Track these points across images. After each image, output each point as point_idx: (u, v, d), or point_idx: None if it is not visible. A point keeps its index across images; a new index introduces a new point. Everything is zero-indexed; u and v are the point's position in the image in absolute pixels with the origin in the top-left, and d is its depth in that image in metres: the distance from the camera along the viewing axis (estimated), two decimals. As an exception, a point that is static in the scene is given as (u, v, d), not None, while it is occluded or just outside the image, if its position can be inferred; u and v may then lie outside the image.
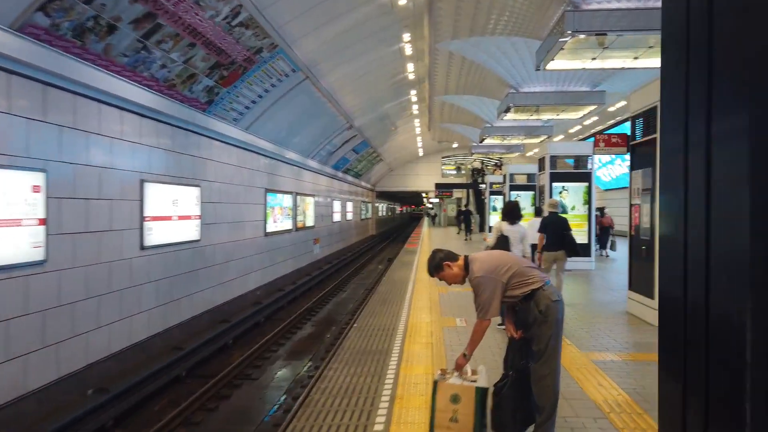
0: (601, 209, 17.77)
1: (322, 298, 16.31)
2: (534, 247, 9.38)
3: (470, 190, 40.20)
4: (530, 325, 3.57)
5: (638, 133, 7.97)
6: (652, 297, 7.25)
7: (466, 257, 3.77)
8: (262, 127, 14.88)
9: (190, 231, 11.07)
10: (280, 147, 17.19)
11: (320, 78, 15.70)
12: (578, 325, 7.21)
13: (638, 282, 7.87)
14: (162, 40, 8.55)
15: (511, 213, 7.44)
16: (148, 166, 9.54)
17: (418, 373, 5.14)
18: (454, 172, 47.14)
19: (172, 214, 10.32)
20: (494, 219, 21.62)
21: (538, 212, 15.48)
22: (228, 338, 11.04)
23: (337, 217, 29.46)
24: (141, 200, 9.20)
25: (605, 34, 9.89)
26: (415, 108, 24.54)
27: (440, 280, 3.84)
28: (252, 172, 15.07)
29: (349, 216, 34.27)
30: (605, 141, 8.05)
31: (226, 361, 9.82)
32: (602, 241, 17.05)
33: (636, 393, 4.49)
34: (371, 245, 39.06)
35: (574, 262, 13.78)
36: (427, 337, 6.60)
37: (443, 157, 47.28)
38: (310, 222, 22.40)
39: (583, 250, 13.95)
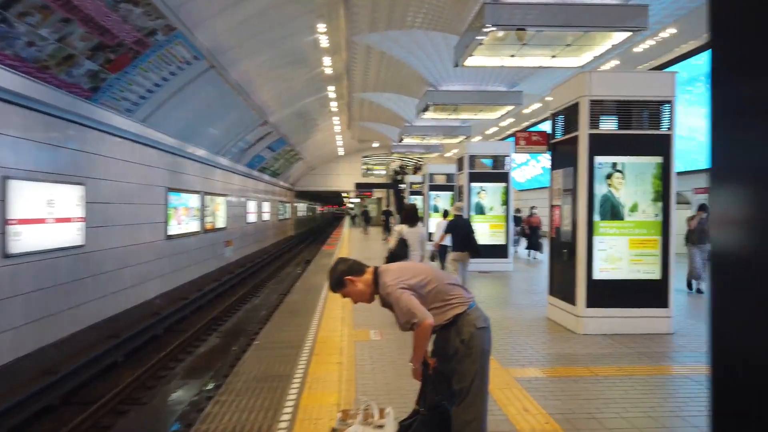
0: (528, 209, 17.74)
1: (232, 305, 15.18)
2: (443, 247, 10.54)
3: (391, 191, 39.91)
4: (450, 358, 2.92)
5: (559, 131, 7.65)
6: (572, 302, 6.91)
7: (375, 269, 3.07)
8: (163, 119, 13.55)
9: (70, 235, 9.69)
10: (185, 142, 15.84)
11: (228, 68, 14.57)
12: (499, 335, 6.74)
13: (559, 286, 7.54)
14: (26, 12, 7.25)
15: (410, 216, 7.62)
16: (14, 161, 8.15)
17: (322, 403, 4.39)
18: (376, 172, 46.80)
19: (47, 216, 8.94)
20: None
21: (445, 214, 15.26)
22: (118, 355, 9.78)
23: (252, 218, 28.10)
24: (2, 200, 7.82)
25: (524, 30, 9.57)
26: (333, 105, 23.75)
27: (344, 297, 3.12)
28: (150, 169, 13.69)
29: (266, 216, 32.92)
30: (526, 139, 7.68)
31: (114, 382, 8.61)
32: (532, 243, 16.72)
33: (566, 420, 3.98)
34: (289, 246, 37.82)
35: (492, 264, 13.57)
36: (337, 354, 5.87)
37: (364, 157, 46.77)
38: (221, 223, 21.04)
39: (502, 252, 13.78)
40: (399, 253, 7.14)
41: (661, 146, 6.84)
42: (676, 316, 7.02)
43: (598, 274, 6.78)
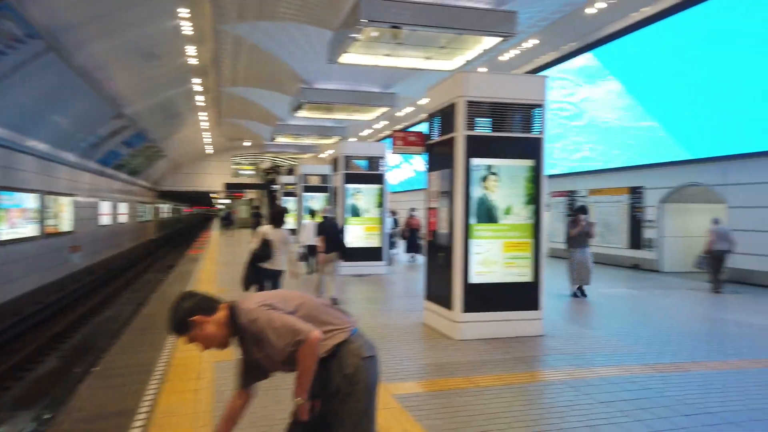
0: (408, 210, 17.67)
1: (79, 319, 13.42)
2: (312, 248, 11.39)
3: (264, 191, 38.53)
4: (329, 399, 2.41)
5: (436, 132, 7.48)
6: (449, 307, 6.74)
7: (232, 305, 2.44)
8: (-13, 106, 11.56)
9: None
10: (18, 134, 13.73)
11: (73, 51, 12.83)
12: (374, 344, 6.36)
13: (435, 291, 7.36)
14: None
15: (276, 218, 7.49)
16: None
17: (170, 445, 3.66)
18: (247, 172, 45.00)
19: None
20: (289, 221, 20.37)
21: (312, 214, 14.73)
22: None
23: (106, 220, 25.49)
24: None
25: (399, 28, 9.35)
26: (200, 99, 22.20)
27: (190, 343, 2.45)
28: (-29, 163, 11.62)
29: (123, 218, 30.12)
30: (403, 139, 7.43)
31: None
32: (412, 245, 16.57)
33: (449, 443, 3.65)
34: (151, 250, 35.03)
35: (367, 267, 13.29)
36: (195, 380, 5.11)
37: (234, 156, 44.78)
38: (66, 226, 18.71)
39: (378, 255, 13.56)
40: (261, 254, 7.03)
41: (533, 150, 6.90)
42: (548, 317, 7.12)
43: (474, 278, 6.67)
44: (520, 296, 6.83)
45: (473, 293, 6.65)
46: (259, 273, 7.09)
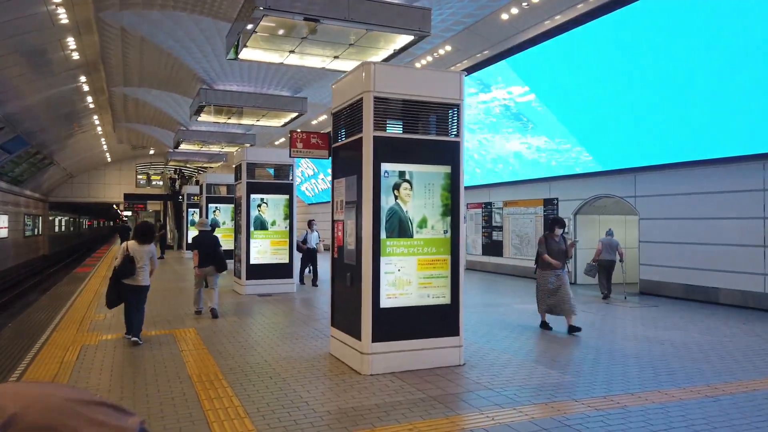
0: (326, 223, 16.57)
1: None
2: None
3: (169, 203, 35.95)
4: None
5: (341, 133, 6.55)
6: (357, 336, 5.79)
7: None
8: None
9: None
10: None
11: None
12: (267, 385, 5.29)
13: (342, 316, 6.39)
14: None
15: (142, 233, 7.39)
16: None
17: None
18: (154, 182, 42.06)
19: None
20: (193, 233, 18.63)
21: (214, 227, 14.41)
22: None
23: (-21, 235, 22.46)
24: None
25: (316, 20, 8.37)
26: (89, 100, 20.03)
27: None
28: None
29: (3, 233, 26.84)
30: (303, 141, 6.44)
31: None
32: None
33: None
34: (39, 268, 31.60)
35: (273, 285, 12.12)
36: None
37: (139, 165, 41.71)
38: None
39: (285, 272, 12.41)
40: (124, 270, 7.00)
41: (450, 154, 6.14)
42: (468, 340, 6.35)
43: (385, 302, 5.76)
44: (436, 321, 6.00)
45: (384, 319, 5.74)
46: (123, 289, 7.06)
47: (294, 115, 16.14)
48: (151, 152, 38.03)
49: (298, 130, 6.66)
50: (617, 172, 13.17)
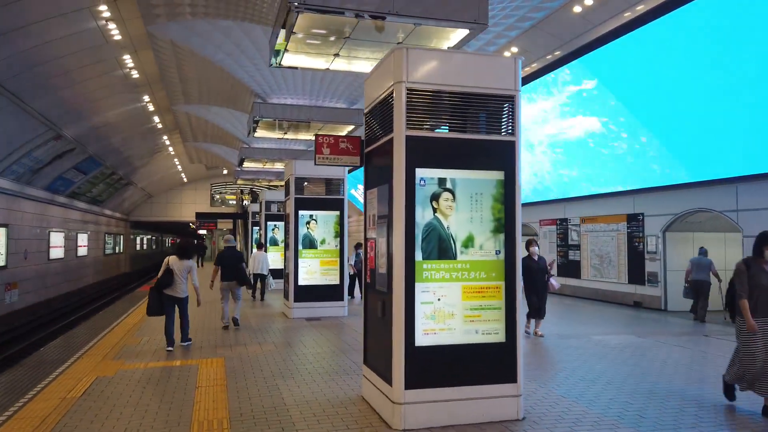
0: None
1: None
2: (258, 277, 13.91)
3: (240, 221, 36.45)
4: None
5: (373, 135, 5.59)
6: (388, 380, 4.71)
7: None
8: None
9: None
10: None
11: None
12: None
13: (374, 355, 5.35)
14: None
15: (181, 249, 8.38)
16: None
17: None
18: (231, 201, 43.08)
19: None
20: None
21: (259, 246, 14.65)
22: None
23: (58, 253, 23.31)
24: None
25: (383, 18, 7.51)
26: (156, 120, 20.34)
27: None
28: None
29: (83, 251, 27.91)
30: (331, 146, 5.51)
31: None
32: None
33: None
34: (120, 284, 32.79)
35: (323, 308, 11.26)
36: None
37: (213, 184, 42.85)
38: (-2, 261, 16.63)
39: (336, 294, 11.53)
40: (163, 281, 7.97)
41: (503, 157, 5.00)
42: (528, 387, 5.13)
43: (421, 339, 4.67)
44: (487, 363, 4.82)
45: (420, 361, 4.64)
46: (163, 299, 7.98)
47: (351, 127, 15.42)
48: (224, 172, 38.86)
49: (325, 134, 5.75)
50: (715, 182, 11.36)
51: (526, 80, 14.41)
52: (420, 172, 4.78)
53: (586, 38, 11.81)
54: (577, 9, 10.71)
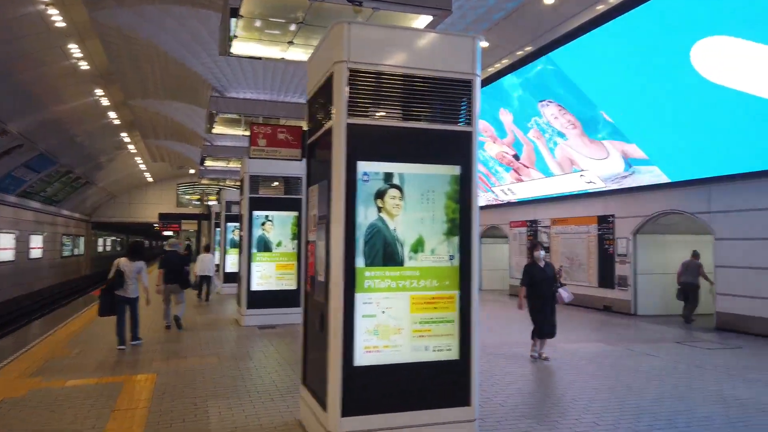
0: None
1: None
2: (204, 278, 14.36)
3: (205, 222, 35.36)
4: None
5: (314, 124, 4.96)
6: (324, 406, 4.07)
7: None
8: None
9: None
10: None
11: None
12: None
13: (312, 373, 4.71)
14: None
15: (133, 251, 8.56)
16: None
17: None
18: (195, 201, 41.93)
19: None
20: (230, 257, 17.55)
21: (207, 248, 15.21)
22: None
23: (7, 255, 22.09)
24: None
25: (358, 3, 6.87)
26: (112, 116, 19.34)
27: None
28: None
29: (37, 253, 26.60)
30: (268, 137, 4.89)
31: None
32: None
33: None
34: (80, 287, 31.41)
35: (276, 315, 10.57)
36: None
37: (180, 184, 41.64)
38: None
39: (292, 300, 10.83)
40: (114, 283, 8.04)
41: (459, 149, 4.41)
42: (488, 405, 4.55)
43: (362, 357, 4.05)
44: (438, 384, 4.22)
45: (360, 383, 4.02)
46: (114, 300, 8.01)
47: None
48: (191, 171, 37.75)
49: (261, 124, 5.10)
50: (687, 183, 11.02)
51: (497, 76, 13.94)
52: (363, 166, 4.16)
53: (557, 32, 11.35)
54: (549, 0, 10.24)
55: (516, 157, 15.38)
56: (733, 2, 8.31)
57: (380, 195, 4.19)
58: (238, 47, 9.01)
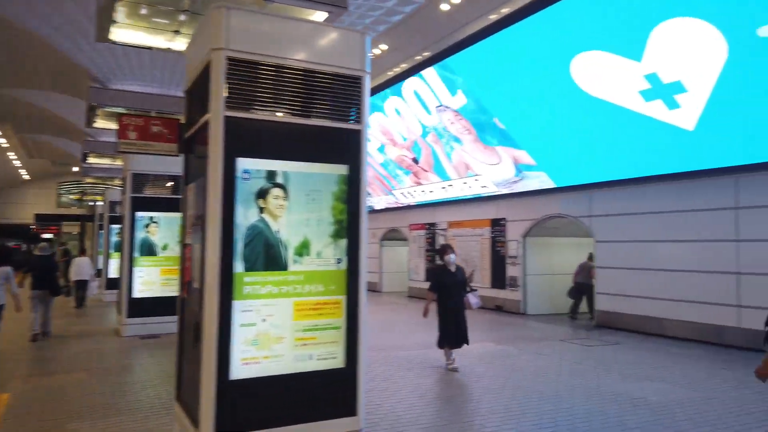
0: None
1: None
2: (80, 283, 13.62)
3: (90, 224, 32.73)
4: None
5: (192, 117, 4.59)
6: (195, 422, 3.72)
7: None
8: None
9: None
10: None
11: None
12: None
13: (186, 388, 4.33)
14: None
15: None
16: None
17: None
18: (77, 201, 38.68)
19: None
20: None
21: (83, 251, 15.19)
22: None
23: None
24: None
25: None
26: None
27: None
28: None
29: None
30: (139, 130, 4.39)
31: None
32: None
33: None
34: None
35: (161, 324, 9.87)
36: None
37: (60, 184, 38.27)
38: None
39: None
40: None
41: (347, 148, 4.24)
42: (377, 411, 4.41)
43: (239, 370, 3.75)
44: (323, 395, 4.01)
45: (237, 398, 3.71)
46: None
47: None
48: (75, 169, 34.84)
49: (132, 114, 4.64)
50: (571, 189, 11.65)
51: (395, 80, 14.02)
52: (243, 163, 3.86)
53: (453, 39, 11.60)
54: (445, 7, 10.41)
55: (415, 160, 15.57)
56: (605, 19, 8.85)
57: (262, 194, 3.92)
58: (120, 34, 8.36)
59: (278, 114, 4.07)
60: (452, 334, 7.14)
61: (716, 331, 9.08)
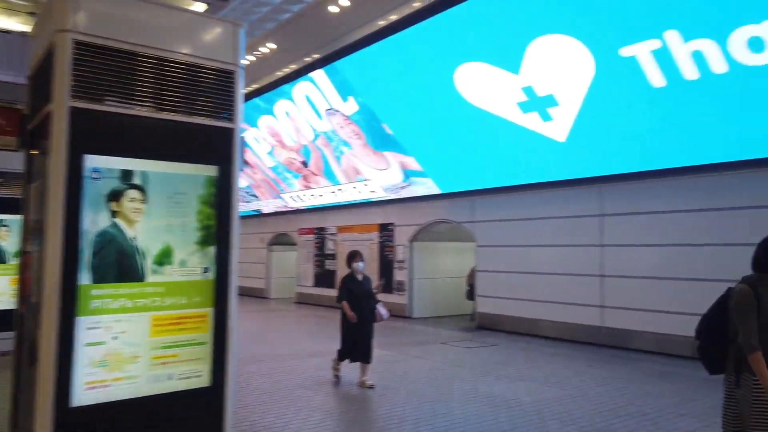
0: None
1: None
2: None
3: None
4: None
5: (35, 108, 4.04)
6: (33, 460, 3.22)
7: None
8: None
9: None
10: None
11: None
12: None
13: (22, 417, 3.77)
14: None
15: None
16: None
17: None
18: None
19: None
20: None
21: None
22: None
23: None
24: None
25: None
26: None
27: None
28: None
29: None
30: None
31: None
32: None
33: None
34: None
35: (10, 340, 8.73)
36: None
37: None
38: None
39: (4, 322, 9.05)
40: None
41: (217, 148, 3.92)
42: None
43: (82, 396, 3.30)
44: (184, 418, 3.66)
45: (79, 428, 3.27)
46: None
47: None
48: None
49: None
50: (456, 195, 12.00)
51: (285, 81, 13.66)
52: (92, 160, 3.42)
53: (343, 42, 11.50)
54: (334, 9, 10.28)
55: (304, 164, 15.28)
56: (486, 31, 9.18)
57: (115, 197, 3.49)
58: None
59: (136, 107, 3.67)
60: (352, 348, 6.78)
61: (584, 331, 9.73)
